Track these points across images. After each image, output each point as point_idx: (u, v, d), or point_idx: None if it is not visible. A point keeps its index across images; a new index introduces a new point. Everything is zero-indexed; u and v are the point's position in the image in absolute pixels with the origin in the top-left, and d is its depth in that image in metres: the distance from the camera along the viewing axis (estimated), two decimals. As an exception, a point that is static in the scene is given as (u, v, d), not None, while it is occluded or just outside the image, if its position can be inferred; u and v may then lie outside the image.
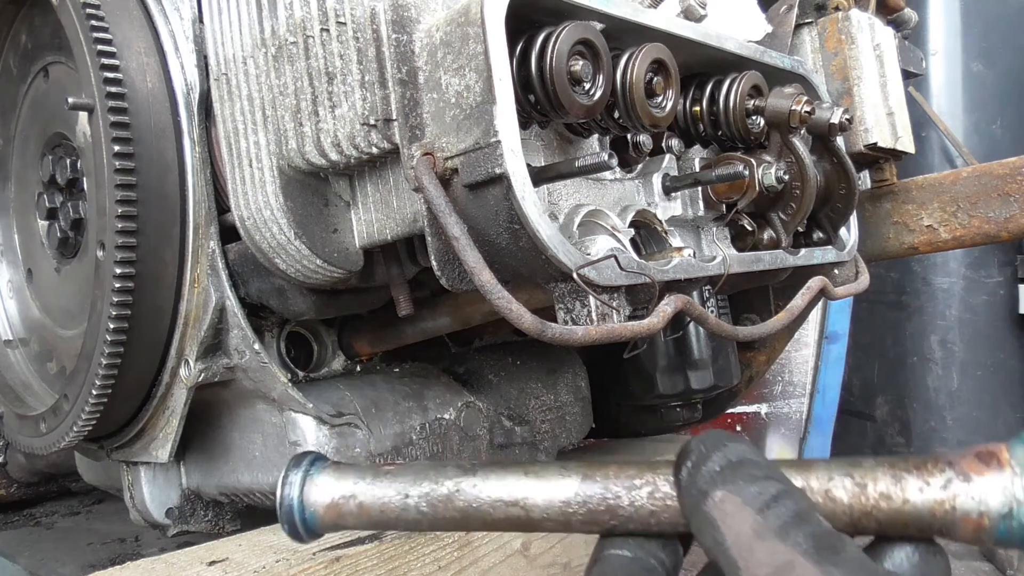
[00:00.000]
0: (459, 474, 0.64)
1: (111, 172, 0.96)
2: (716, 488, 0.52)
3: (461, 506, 0.63)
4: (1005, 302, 2.58)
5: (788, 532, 0.48)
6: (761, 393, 2.65)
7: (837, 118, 1.00)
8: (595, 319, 0.76)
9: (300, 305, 1.06)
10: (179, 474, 1.24)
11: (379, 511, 0.65)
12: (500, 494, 0.63)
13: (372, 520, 0.66)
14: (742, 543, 0.50)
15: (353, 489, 0.66)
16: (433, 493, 0.64)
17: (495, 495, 0.63)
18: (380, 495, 0.66)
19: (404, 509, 0.65)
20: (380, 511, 0.65)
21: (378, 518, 0.66)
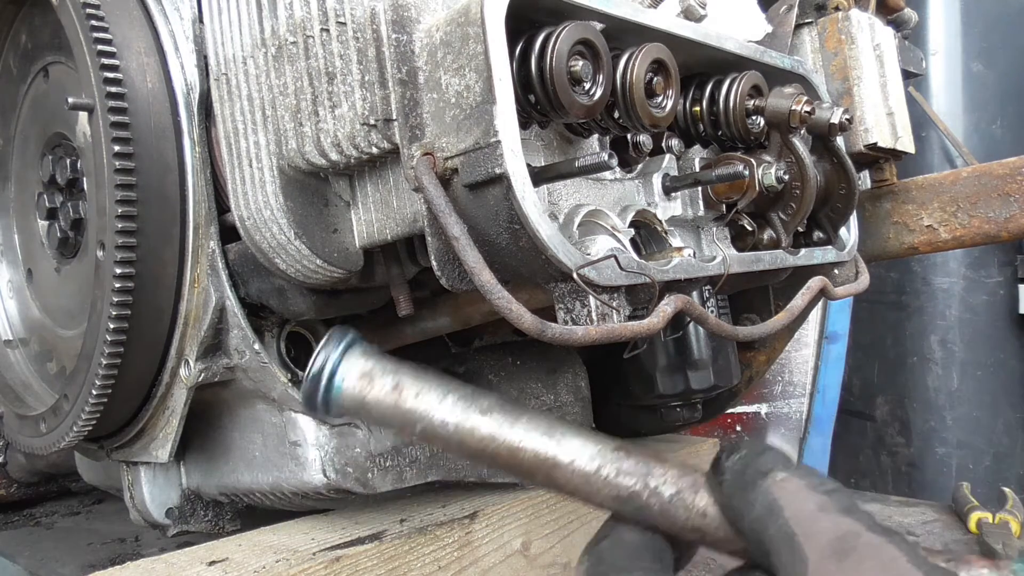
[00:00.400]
0: (500, 420, 0.62)
1: (111, 172, 0.96)
2: (779, 470, 0.52)
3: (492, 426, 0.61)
4: (1005, 302, 2.58)
5: (853, 511, 0.48)
6: (761, 393, 2.65)
7: (837, 118, 1.00)
8: (595, 319, 0.76)
9: (300, 305, 1.06)
10: (179, 474, 1.24)
11: (414, 395, 0.62)
12: (537, 432, 0.61)
13: (399, 406, 0.62)
14: (804, 515, 0.48)
15: (395, 368, 0.63)
16: (473, 401, 0.62)
17: (531, 431, 0.61)
18: (421, 381, 0.63)
19: (438, 406, 0.62)
20: (415, 395, 0.62)
21: (407, 405, 0.62)
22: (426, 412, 0.62)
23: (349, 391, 0.63)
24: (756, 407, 2.67)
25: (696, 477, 0.60)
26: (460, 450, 0.63)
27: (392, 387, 0.63)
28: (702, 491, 0.58)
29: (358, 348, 0.65)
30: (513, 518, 1.17)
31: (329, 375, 0.63)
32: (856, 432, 2.82)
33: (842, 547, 0.46)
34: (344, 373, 0.63)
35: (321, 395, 0.63)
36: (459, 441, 0.62)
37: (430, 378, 0.64)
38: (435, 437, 0.63)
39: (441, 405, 0.62)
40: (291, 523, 1.12)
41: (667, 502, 0.58)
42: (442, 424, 0.62)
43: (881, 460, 2.76)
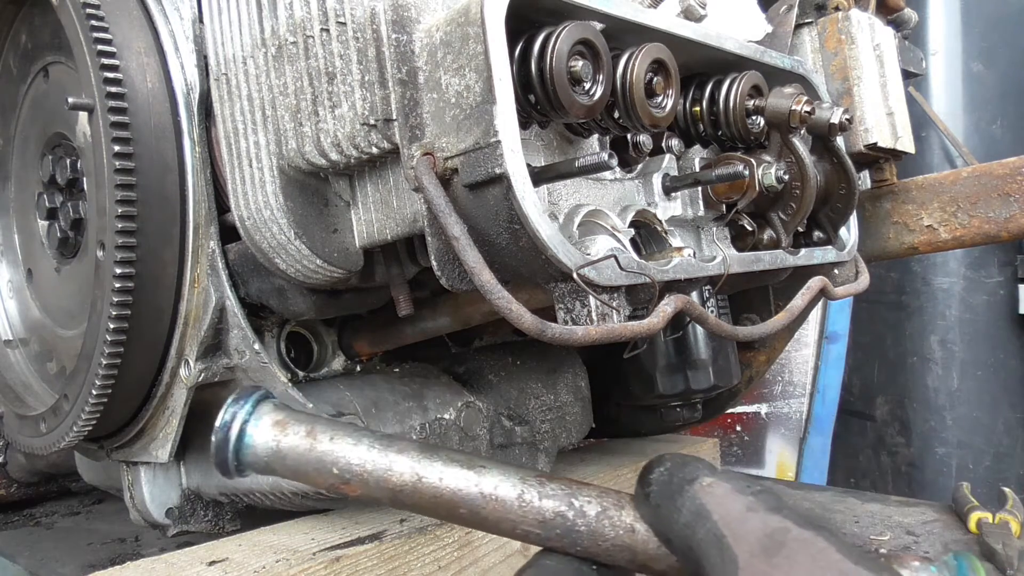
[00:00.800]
0: (418, 456, 0.60)
1: (111, 172, 0.96)
2: (705, 476, 0.52)
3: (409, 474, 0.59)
4: (1005, 302, 2.58)
5: (781, 510, 0.48)
6: (761, 393, 2.65)
7: (837, 118, 1.00)
8: (595, 319, 0.76)
9: (300, 305, 1.06)
10: (179, 474, 1.24)
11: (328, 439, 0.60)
12: (456, 477, 0.59)
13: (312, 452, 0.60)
14: (732, 516, 0.48)
15: (308, 419, 0.61)
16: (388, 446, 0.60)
17: (450, 478, 0.59)
18: (332, 429, 0.61)
19: (350, 451, 0.60)
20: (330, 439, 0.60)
21: (321, 451, 0.60)
22: (342, 454, 0.61)
23: (262, 440, 0.62)
24: (756, 407, 2.67)
25: (620, 495, 0.59)
26: (380, 491, 0.61)
27: (306, 432, 0.62)
28: (628, 507, 0.57)
29: (269, 401, 0.64)
30: (513, 518, 1.17)
31: (240, 426, 0.61)
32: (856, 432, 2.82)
33: (771, 544, 0.46)
34: (255, 423, 0.62)
35: (232, 448, 0.61)
36: (377, 480, 0.61)
37: (344, 426, 0.63)
38: (352, 478, 0.61)
39: (357, 447, 0.61)
40: (291, 523, 1.12)
41: (594, 520, 0.57)
42: (359, 464, 0.60)
43: (881, 460, 2.76)
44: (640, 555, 0.56)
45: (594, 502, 0.58)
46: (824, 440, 2.67)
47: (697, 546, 0.50)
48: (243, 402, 0.63)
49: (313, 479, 0.63)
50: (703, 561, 0.49)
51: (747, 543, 0.47)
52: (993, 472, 2.57)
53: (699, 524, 0.50)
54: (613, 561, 0.57)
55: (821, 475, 2.67)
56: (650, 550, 0.56)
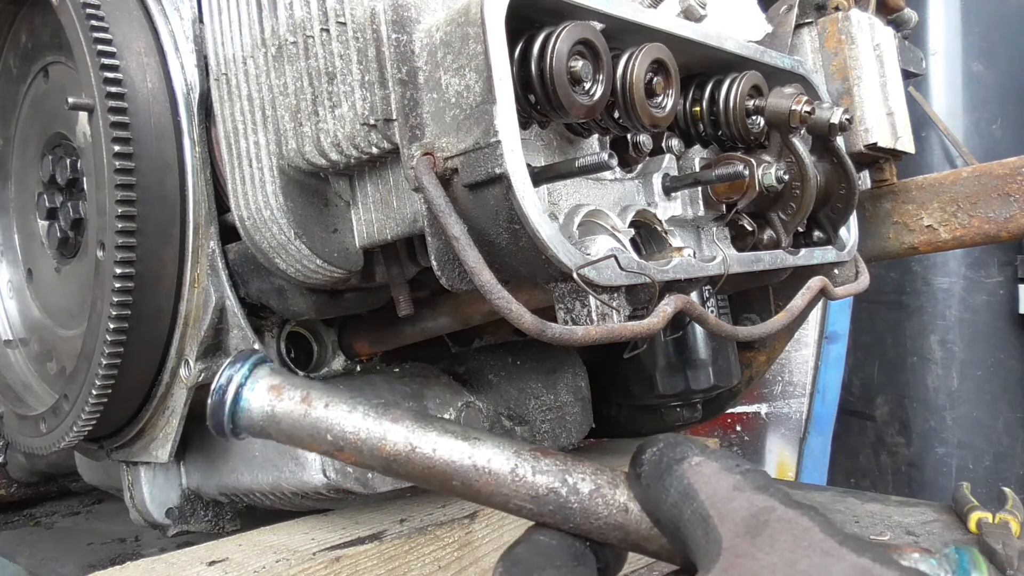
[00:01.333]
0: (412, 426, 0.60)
1: (111, 172, 0.96)
2: (694, 455, 0.52)
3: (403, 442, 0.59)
4: (1005, 302, 2.58)
5: (767, 489, 0.48)
6: (761, 393, 2.65)
7: (837, 118, 1.00)
8: (595, 319, 0.76)
9: (300, 305, 1.06)
10: (179, 474, 1.24)
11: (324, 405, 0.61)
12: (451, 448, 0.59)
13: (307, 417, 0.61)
14: (719, 496, 0.48)
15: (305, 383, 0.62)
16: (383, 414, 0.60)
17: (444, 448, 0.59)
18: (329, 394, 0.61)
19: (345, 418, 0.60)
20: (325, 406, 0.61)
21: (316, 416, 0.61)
22: (336, 421, 0.61)
23: (257, 404, 0.62)
24: (756, 407, 2.67)
25: (615, 473, 0.58)
26: (373, 459, 0.61)
27: (301, 398, 0.62)
28: (622, 486, 0.57)
29: (266, 365, 0.64)
30: (513, 518, 1.16)
31: (236, 389, 0.62)
32: (856, 432, 2.82)
33: (755, 523, 0.46)
34: (252, 387, 0.62)
35: (228, 410, 0.61)
36: (371, 448, 0.60)
37: (340, 392, 0.63)
38: (346, 446, 0.61)
39: (351, 414, 0.61)
40: (291, 523, 1.12)
41: (587, 498, 0.57)
42: (353, 432, 0.60)
43: (881, 460, 2.76)
44: (632, 535, 0.56)
45: (588, 479, 0.58)
46: (824, 440, 2.67)
47: (684, 526, 0.50)
48: (239, 365, 0.63)
49: (307, 444, 0.63)
50: (689, 541, 0.49)
51: (732, 523, 0.47)
52: (993, 472, 2.57)
53: (686, 504, 0.50)
54: (605, 539, 0.57)
55: (821, 475, 2.67)
56: (642, 530, 0.56)
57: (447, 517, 1.11)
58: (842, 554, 0.43)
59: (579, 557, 0.56)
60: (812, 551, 0.44)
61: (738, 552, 0.45)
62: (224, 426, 0.63)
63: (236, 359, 0.63)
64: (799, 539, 0.44)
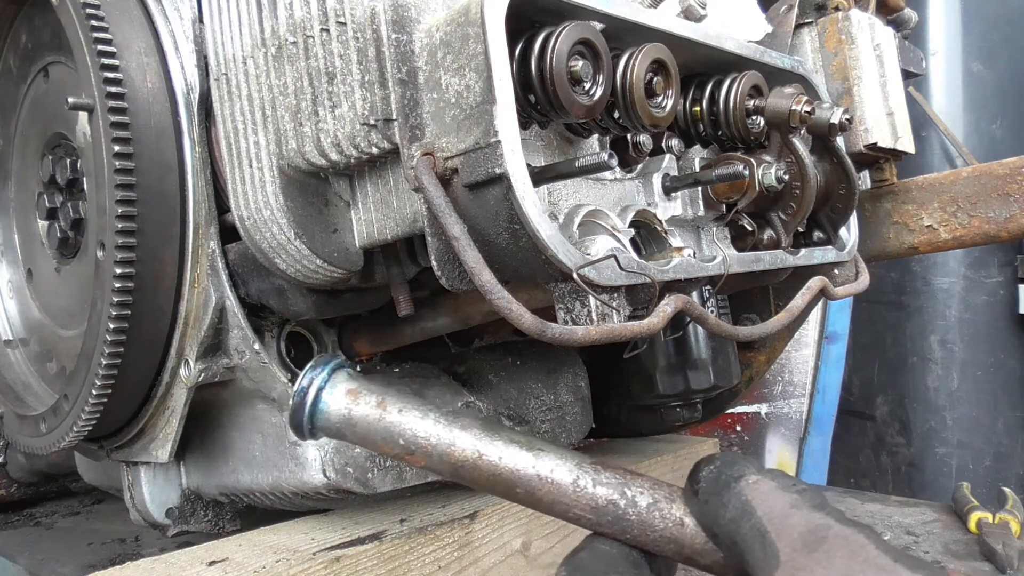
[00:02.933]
0: (480, 434, 0.63)
1: (111, 172, 0.96)
2: (752, 474, 0.53)
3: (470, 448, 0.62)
4: (1005, 302, 2.58)
5: (824, 507, 0.49)
6: (761, 393, 2.65)
7: (837, 118, 1.00)
8: (595, 319, 0.76)
9: (300, 305, 1.06)
10: (179, 474, 1.24)
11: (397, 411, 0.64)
12: (516, 456, 0.62)
13: (382, 421, 0.64)
14: (776, 512, 0.50)
15: (379, 389, 0.65)
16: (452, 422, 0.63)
17: (510, 456, 0.62)
18: (403, 400, 0.64)
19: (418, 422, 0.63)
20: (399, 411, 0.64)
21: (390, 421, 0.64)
22: (409, 426, 0.64)
23: (336, 407, 0.66)
24: (756, 407, 2.67)
25: (672, 489, 0.60)
26: (441, 464, 0.64)
27: (376, 403, 0.65)
28: (678, 501, 0.59)
29: (344, 370, 0.68)
30: (513, 518, 1.17)
31: (316, 392, 0.66)
32: (856, 432, 2.82)
33: (813, 539, 0.47)
34: (331, 390, 0.66)
35: (308, 412, 0.65)
36: (441, 454, 0.64)
37: (412, 399, 0.66)
38: (417, 450, 0.65)
39: (423, 420, 0.64)
40: (291, 523, 1.12)
41: (644, 511, 0.59)
42: (425, 437, 0.64)
43: (881, 460, 2.76)
44: (687, 548, 0.58)
45: (646, 493, 0.60)
46: (824, 440, 2.67)
47: (742, 540, 0.51)
48: (320, 369, 0.67)
49: (380, 447, 0.67)
50: (747, 555, 0.51)
51: (789, 538, 0.48)
52: (993, 472, 2.57)
53: (744, 519, 0.51)
54: (661, 551, 0.59)
55: (821, 475, 2.67)
56: (697, 544, 0.57)
57: (447, 517, 1.11)
58: (897, 570, 0.45)
59: (637, 565, 0.58)
60: (868, 566, 0.45)
61: (796, 565, 0.47)
62: (304, 427, 0.66)
63: (317, 363, 0.68)
64: (855, 555, 0.45)
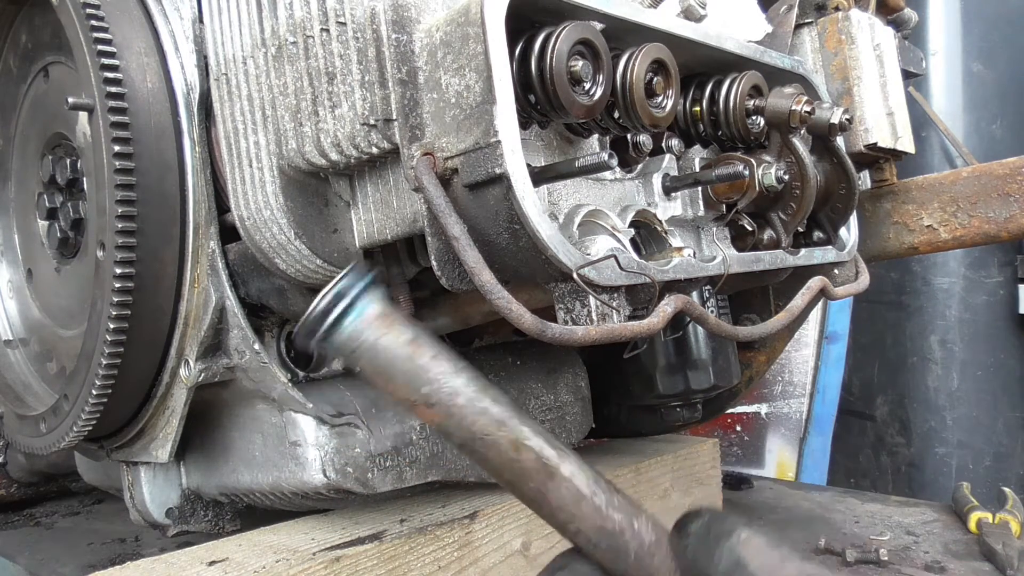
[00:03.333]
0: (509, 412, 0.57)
1: (111, 172, 0.96)
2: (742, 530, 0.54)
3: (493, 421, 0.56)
4: (1005, 302, 2.58)
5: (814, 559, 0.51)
6: (761, 393, 2.65)
7: (837, 118, 1.00)
8: (595, 319, 0.76)
9: (300, 305, 1.06)
10: (179, 474, 1.24)
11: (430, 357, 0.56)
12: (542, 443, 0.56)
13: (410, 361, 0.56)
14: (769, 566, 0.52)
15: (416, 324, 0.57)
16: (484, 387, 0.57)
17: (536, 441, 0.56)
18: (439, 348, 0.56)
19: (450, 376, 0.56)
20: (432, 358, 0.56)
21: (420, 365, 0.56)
22: (438, 377, 0.56)
23: (364, 327, 0.56)
24: (756, 407, 2.67)
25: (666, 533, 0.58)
26: (460, 429, 0.57)
27: (410, 339, 0.57)
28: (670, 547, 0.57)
29: (382, 289, 0.58)
30: (513, 518, 1.17)
31: (350, 301, 0.56)
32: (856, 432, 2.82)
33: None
34: (364, 307, 0.56)
35: (331, 321, 0.56)
36: (462, 419, 0.57)
37: (448, 350, 0.58)
38: (438, 407, 0.57)
39: (456, 377, 0.57)
40: (291, 523, 1.12)
41: (644, 547, 0.56)
42: (451, 395, 0.56)
43: (881, 460, 2.76)
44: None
45: (652, 531, 0.57)
46: (824, 440, 2.67)
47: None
48: (359, 280, 0.57)
49: (397, 388, 0.58)
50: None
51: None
52: (993, 472, 2.57)
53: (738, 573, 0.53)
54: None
55: (821, 475, 2.67)
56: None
57: (447, 517, 1.11)
58: None
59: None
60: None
61: None
62: (316, 335, 0.56)
63: (353, 271, 0.57)
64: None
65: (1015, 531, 1.38)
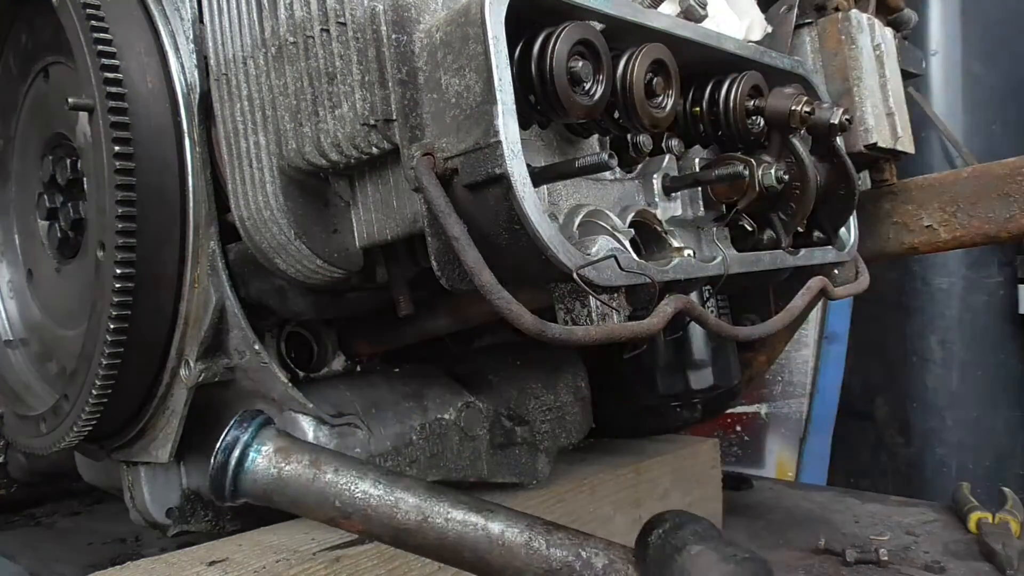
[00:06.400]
0: (424, 495, 0.58)
1: (111, 172, 0.96)
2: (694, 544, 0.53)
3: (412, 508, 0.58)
4: (1005, 302, 2.57)
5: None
6: (761, 393, 2.65)
7: (837, 118, 1.00)
8: (595, 319, 0.76)
9: (300, 305, 1.06)
10: (179, 474, 1.24)
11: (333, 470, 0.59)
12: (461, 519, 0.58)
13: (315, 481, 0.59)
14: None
15: (313, 447, 0.61)
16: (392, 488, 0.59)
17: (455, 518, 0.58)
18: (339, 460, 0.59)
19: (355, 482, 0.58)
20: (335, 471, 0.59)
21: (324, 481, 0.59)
22: (346, 486, 0.60)
23: (263, 466, 0.61)
24: (756, 407, 2.67)
25: (627, 550, 0.59)
26: (382, 528, 0.60)
27: (310, 462, 0.61)
28: (633, 563, 0.57)
29: (272, 427, 0.62)
30: (513, 518, 1.17)
31: (243, 448, 0.61)
32: (856, 432, 2.81)
33: None
34: (258, 448, 0.61)
35: (232, 471, 0.60)
36: (381, 517, 0.59)
37: (349, 459, 0.62)
38: (355, 513, 0.60)
39: (361, 481, 0.60)
40: (291, 523, 1.12)
41: (600, 572, 0.57)
42: (363, 498, 0.59)
43: (881, 460, 2.76)
44: None
45: (601, 554, 0.57)
46: (824, 440, 2.67)
47: None
48: (246, 425, 0.62)
49: (312, 511, 0.62)
50: None
51: None
52: (993, 472, 2.57)
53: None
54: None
55: (821, 475, 2.67)
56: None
57: (447, 517, 1.11)
58: None
59: None
60: None
61: None
62: (225, 488, 0.61)
63: (242, 419, 0.62)
64: None
65: (1015, 531, 1.38)
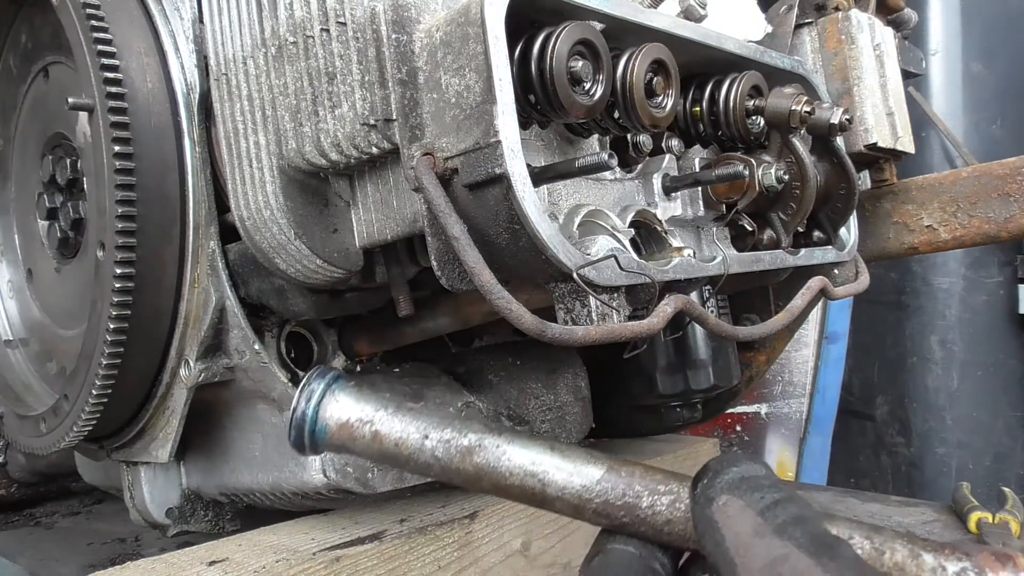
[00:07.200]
0: (484, 431, 0.62)
1: (111, 172, 0.96)
2: (723, 494, 0.53)
3: (479, 463, 0.61)
4: (1005, 302, 2.58)
5: (786, 530, 0.49)
6: (761, 393, 2.65)
7: (837, 118, 1.00)
8: (595, 319, 0.76)
9: (300, 305, 1.06)
10: (179, 474, 1.24)
11: (393, 444, 0.63)
12: (522, 461, 0.61)
13: (382, 452, 0.64)
14: (740, 541, 0.50)
15: (372, 415, 0.64)
16: (454, 442, 0.62)
17: (516, 461, 0.61)
18: (399, 429, 0.64)
19: (419, 450, 0.63)
20: (395, 445, 0.63)
21: (390, 451, 0.64)
22: (408, 456, 0.64)
23: (333, 438, 0.65)
24: (756, 407, 2.67)
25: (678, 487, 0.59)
26: (444, 480, 0.64)
27: (370, 437, 0.64)
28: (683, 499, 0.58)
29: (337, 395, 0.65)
30: (513, 518, 1.17)
31: (311, 426, 0.65)
32: (856, 432, 2.81)
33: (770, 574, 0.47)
34: (325, 421, 0.65)
35: (308, 442, 0.65)
36: (441, 475, 0.63)
37: (409, 418, 0.64)
38: (420, 472, 0.64)
39: (419, 453, 0.63)
40: (291, 523, 1.12)
41: (665, 508, 0.58)
42: (425, 466, 0.63)
43: (881, 460, 2.76)
44: None
45: (665, 492, 0.59)
46: (824, 440, 2.67)
47: (717, 568, 0.52)
48: (317, 382, 0.66)
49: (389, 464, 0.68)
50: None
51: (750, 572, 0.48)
52: (993, 472, 2.57)
53: (716, 548, 0.52)
54: (684, 547, 0.58)
55: (821, 475, 2.67)
56: None
57: (447, 517, 1.11)
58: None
59: (653, 568, 0.57)
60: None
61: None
62: (305, 447, 0.66)
63: (311, 379, 0.66)
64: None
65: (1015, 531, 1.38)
